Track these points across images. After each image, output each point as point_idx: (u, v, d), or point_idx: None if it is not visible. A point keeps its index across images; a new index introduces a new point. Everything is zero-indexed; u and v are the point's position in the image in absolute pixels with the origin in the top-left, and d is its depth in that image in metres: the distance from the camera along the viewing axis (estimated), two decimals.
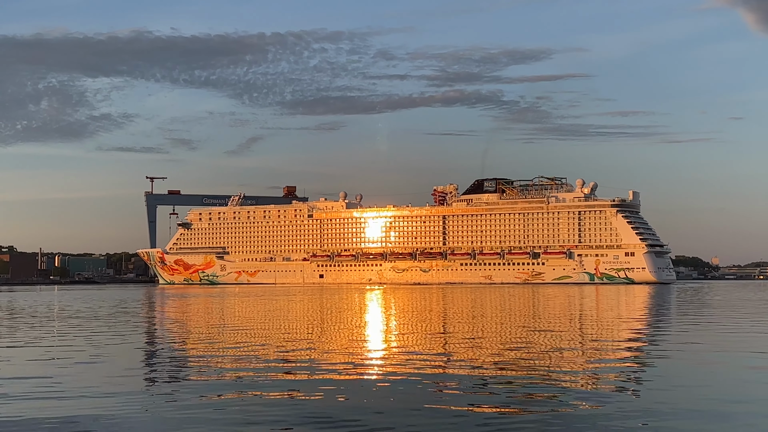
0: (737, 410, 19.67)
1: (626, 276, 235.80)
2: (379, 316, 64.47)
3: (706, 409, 19.84)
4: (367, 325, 52.87)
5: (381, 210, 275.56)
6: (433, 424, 18.03)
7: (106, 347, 36.39)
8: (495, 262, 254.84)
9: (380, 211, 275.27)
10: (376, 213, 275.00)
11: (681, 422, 18.19)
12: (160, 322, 58.82)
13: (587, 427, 17.50)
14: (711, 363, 29.42)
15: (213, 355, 32.55)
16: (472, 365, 27.94)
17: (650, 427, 17.55)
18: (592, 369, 27.39)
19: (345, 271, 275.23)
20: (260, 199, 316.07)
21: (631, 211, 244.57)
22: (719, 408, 19.95)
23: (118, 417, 19.07)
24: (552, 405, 20.07)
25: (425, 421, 18.35)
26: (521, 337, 40.63)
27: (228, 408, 20.24)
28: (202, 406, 20.26)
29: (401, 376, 25.38)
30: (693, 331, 45.19)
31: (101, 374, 26.56)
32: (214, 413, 19.64)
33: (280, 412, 19.47)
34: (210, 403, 20.78)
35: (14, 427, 18.04)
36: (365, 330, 47.55)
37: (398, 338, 41.25)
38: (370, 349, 35.38)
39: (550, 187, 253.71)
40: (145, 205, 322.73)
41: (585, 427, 17.50)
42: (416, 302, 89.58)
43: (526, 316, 60.92)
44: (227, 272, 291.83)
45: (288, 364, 28.77)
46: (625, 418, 18.33)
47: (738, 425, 18.01)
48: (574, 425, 17.63)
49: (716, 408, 19.94)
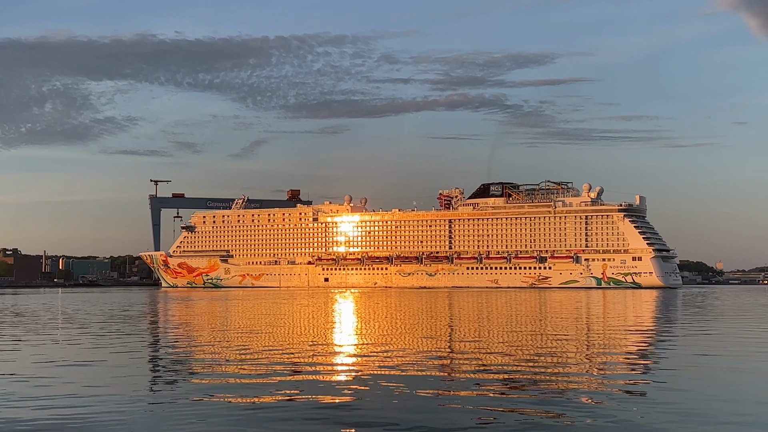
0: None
1: (633, 280, 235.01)
2: (384, 320, 63.12)
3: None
4: (367, 328, 51.56)
5: (386, 213, 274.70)
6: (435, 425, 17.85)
7: (110, 351, 35.52)
8: (501, 266, 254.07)
9: (386, 214, 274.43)
10: (381, 216, 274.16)
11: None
12: (167, 326, 57.60)
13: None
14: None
15: (218, 358, 32.02)
16: (477, 372, 27.34)
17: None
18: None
19: (350, 274, 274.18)
20: (264, 202, 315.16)
21: (638, 216, 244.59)
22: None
23: (122, 420, 19.05)
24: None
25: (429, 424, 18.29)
26: (531, 344, 39.26)
27: (236, 412, 20.03)
28: (207, 407, 20.25)
29: (405, 379, 25.23)
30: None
31: (105, 377, 26.29)
32: (220, 415, 19.52)
33: (285, 414, 19.43)
34: (216, 404, 20.76)
35: (19, 428, 18.32)
36: (371, 333, 46.28)
37: (400, 341, 40.10)
38: (376, 351, 34.67)
39: (556, 192, 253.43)
40: (149, 208, 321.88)
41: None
42: (416, 306, 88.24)
43: (534, 321, 59.52)
44: (231, 275, 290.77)
45: (292, 367, 28.68)
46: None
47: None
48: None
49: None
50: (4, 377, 27.35)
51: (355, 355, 33.71)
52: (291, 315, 71.67)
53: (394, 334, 45.94)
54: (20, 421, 18.98)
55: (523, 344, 38.54)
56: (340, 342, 40.85)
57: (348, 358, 32.37)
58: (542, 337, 43.48)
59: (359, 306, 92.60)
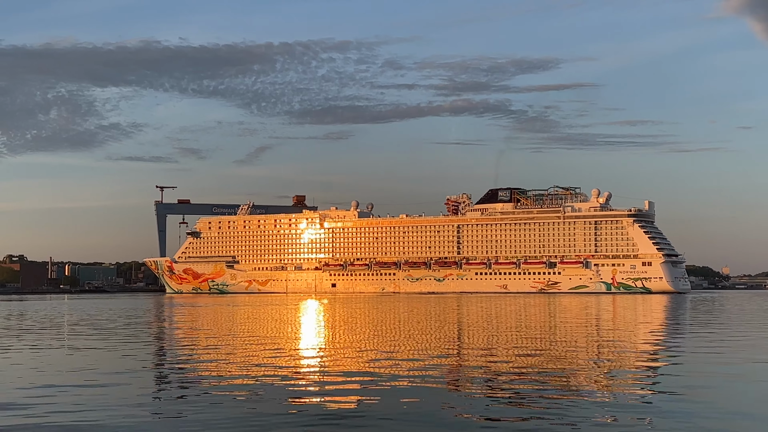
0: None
1: (643, 286, 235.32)
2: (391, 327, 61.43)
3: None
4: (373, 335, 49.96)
5: (394, 219, 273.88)
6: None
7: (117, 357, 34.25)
8: (511, 272, 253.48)
9: (393, 220, 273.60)
10: (389, 222, 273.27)
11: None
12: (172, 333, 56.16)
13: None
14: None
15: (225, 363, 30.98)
16: (488, 379, 26.77)
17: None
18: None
19: (358, 280, 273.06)
20: (269, 208, 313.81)
21: (647, 221, 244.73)
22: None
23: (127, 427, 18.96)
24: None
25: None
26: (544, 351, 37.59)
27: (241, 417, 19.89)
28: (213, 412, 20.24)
29: (413, 385, 24.96)
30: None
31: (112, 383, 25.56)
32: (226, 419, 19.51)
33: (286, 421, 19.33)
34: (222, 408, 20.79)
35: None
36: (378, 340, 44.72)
37: (409, 349, 38.66)
38: (385, 357, 33.83)
39: (565, 197, 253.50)
40: (155, 215, 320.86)
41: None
42: (426, 311, 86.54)
43: (546, 327, 57.86)
44: (238, 281, 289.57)
45: (296, 373, 28.55)
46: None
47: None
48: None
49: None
50: (9, 383, 26.72)
51: (361, 361, 32.92)
52: (290, 321, 70.15)
53: (403, 340, 44.41)
54: (24, 427, 19.01)
55: (535, 350, 36.95)
56: (344, 347, 39.51)
57: (354, 364, 31.78)
58: (555, 343, 41.85)
59: (367, 312, 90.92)
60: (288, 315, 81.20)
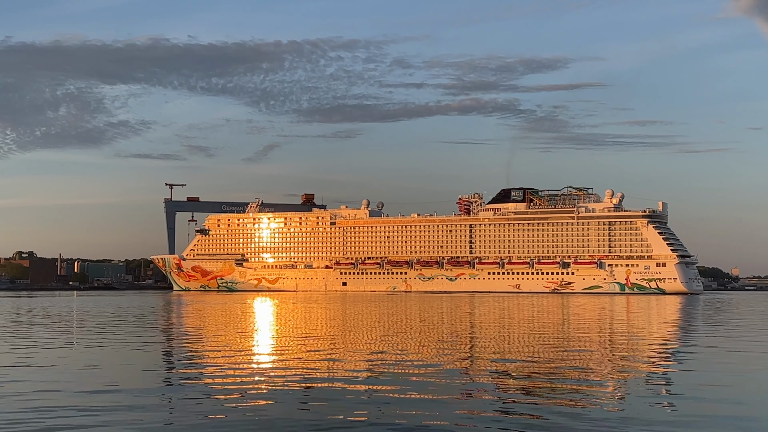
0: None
1: (657, 286, 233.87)
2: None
3: None
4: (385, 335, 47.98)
5: (406, 218, 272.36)
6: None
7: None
8: (524, 272, 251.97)
9: (405, 219, 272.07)
10: (401, 221, 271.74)
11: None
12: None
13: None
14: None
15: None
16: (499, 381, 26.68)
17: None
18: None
19: (369, 278, 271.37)
20: (278, 206, 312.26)
21: (661, 222, 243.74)
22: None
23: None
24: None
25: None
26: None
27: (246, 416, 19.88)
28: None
29: (422, 386, 24.89)
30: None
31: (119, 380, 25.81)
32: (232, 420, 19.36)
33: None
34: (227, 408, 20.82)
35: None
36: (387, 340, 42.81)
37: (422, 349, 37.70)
38: (394, 358, 33.35)
39: (578, 198, 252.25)
40: (164, 212, 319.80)
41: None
42: (440, 311, 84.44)
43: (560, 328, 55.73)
44: (247, 279, 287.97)
45: (302, 372, 28.55)
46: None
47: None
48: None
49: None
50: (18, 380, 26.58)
51: (373, 361, 32.49)
52: (303, 318, 68.38)
53: (416, 339, 42.95)
54: (26, 422, 19.16)
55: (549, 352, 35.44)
56: (355, 347, 38.02)
57: (364, 363, 31.51)
58: (569, 342, 40.28)
59: (380, 311, 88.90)
60: (305, 313, 79.33)
